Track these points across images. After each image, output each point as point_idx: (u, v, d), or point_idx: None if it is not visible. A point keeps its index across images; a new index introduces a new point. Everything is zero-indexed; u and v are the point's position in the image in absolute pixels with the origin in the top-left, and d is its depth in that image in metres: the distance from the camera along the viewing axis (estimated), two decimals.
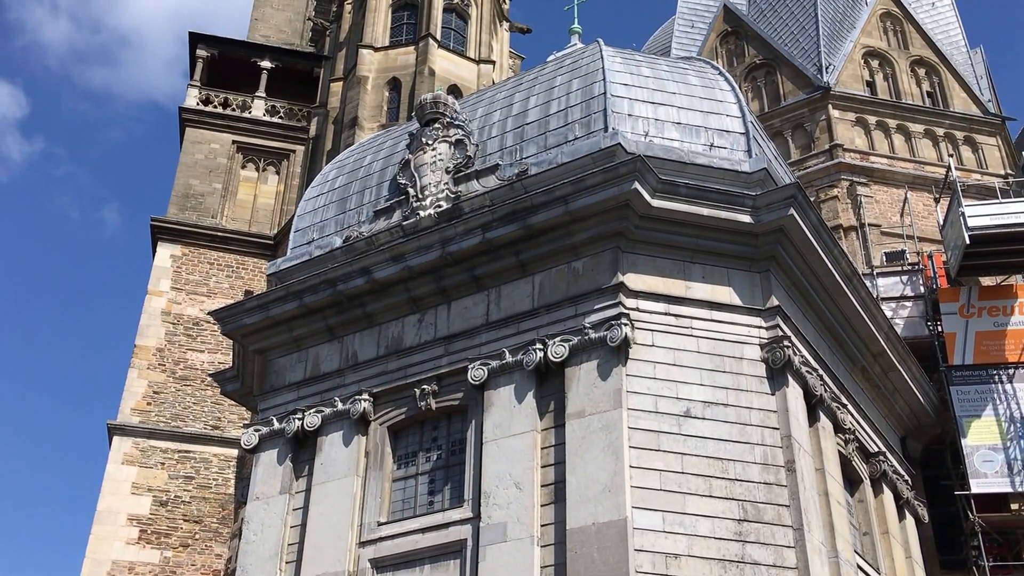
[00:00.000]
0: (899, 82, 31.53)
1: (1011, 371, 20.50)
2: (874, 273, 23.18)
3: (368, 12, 32.69)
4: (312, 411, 16.24)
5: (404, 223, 16.87)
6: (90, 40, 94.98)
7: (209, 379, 24.53)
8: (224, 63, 35.89)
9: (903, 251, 25.67)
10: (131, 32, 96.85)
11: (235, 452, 28.08)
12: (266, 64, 35.73)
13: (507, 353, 14.49)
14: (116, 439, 28.77)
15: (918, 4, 33.70)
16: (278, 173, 34.19)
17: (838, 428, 15.72)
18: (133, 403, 29.12)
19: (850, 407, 16.70)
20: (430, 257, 15.69)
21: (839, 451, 15.62)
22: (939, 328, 21.39)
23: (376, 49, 31.95)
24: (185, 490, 28.55)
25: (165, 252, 31.72)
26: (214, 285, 31.42)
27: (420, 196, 17.00)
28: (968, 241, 20.55)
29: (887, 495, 17.66)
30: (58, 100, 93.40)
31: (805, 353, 15.06)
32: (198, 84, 35.14)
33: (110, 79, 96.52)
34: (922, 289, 22.36)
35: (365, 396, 15.72)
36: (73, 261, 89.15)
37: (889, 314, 20.53)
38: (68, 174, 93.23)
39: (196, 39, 35.93)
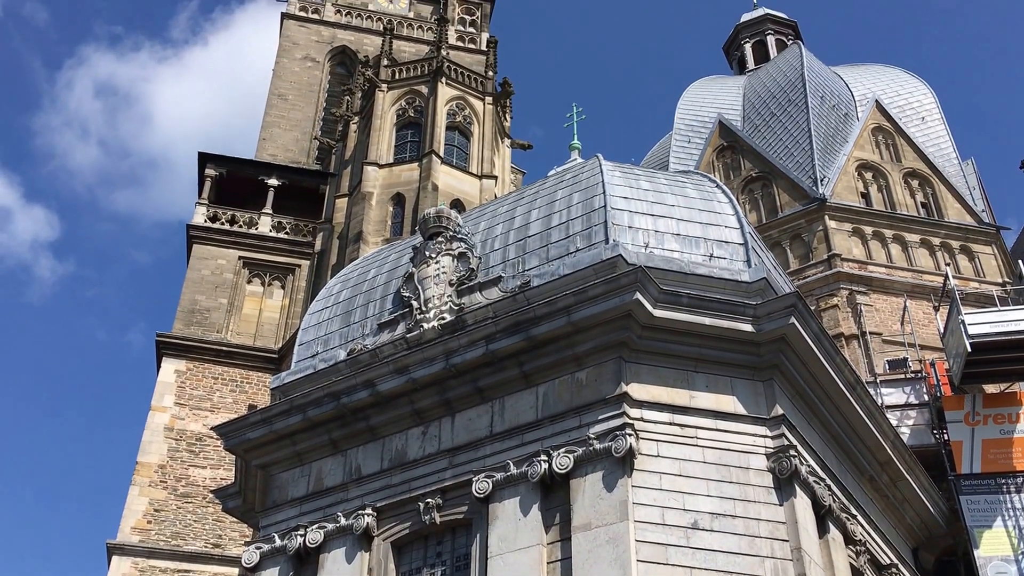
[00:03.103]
0: (893, 193, 32.16)
1: (1019, 480, 20.25)
2: (877, 381, 23.15)
3: (373, 131, 33.64)
4: (314, 527, 16.01)
5: (408, 335, 16.99)
6: (119, 164, 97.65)
7: (211, 496, 24.27)
8: (232, 181, 36.74)
9: (905, 359, 25.67)
10: (159, 155, 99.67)
11: (235, 572, 27.46)
12: (273, 182, 36.56)
13: (511, 465, 14.37)
14: (115, 559, 28.24)
15: (908, 119, 34.64)
16: (283, 288, 34.54)
17: (848, 540, 15.46)
18: (133, 521, 28.69)
19: (860, 518, 16.45)
20: (434, 369, 15.73)
21: (851, 564, 15.31)
22: (945, 436, 21.23)
23: (381, 166, 32.78)
24: None
25: (170, 367, 31.79)
26: (218, 400, 31.36)
27: (424, 308, 17.17)
28: (969, 349, 20.59)
29: None
30: (89, 222, 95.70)
31: (812, 463, 14.93)
32: (206, 202, 35.89)
33: (137, 201, 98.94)
34: (926, 397, 22.29)
35: (368, 511, 15.53)
36: (93, 381, 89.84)
37: (894, 422, 20.40)
38: (98, 296, 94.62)
39: (205, 159, 36.88)
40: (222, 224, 35.52)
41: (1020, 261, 26.71)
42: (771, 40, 44.41)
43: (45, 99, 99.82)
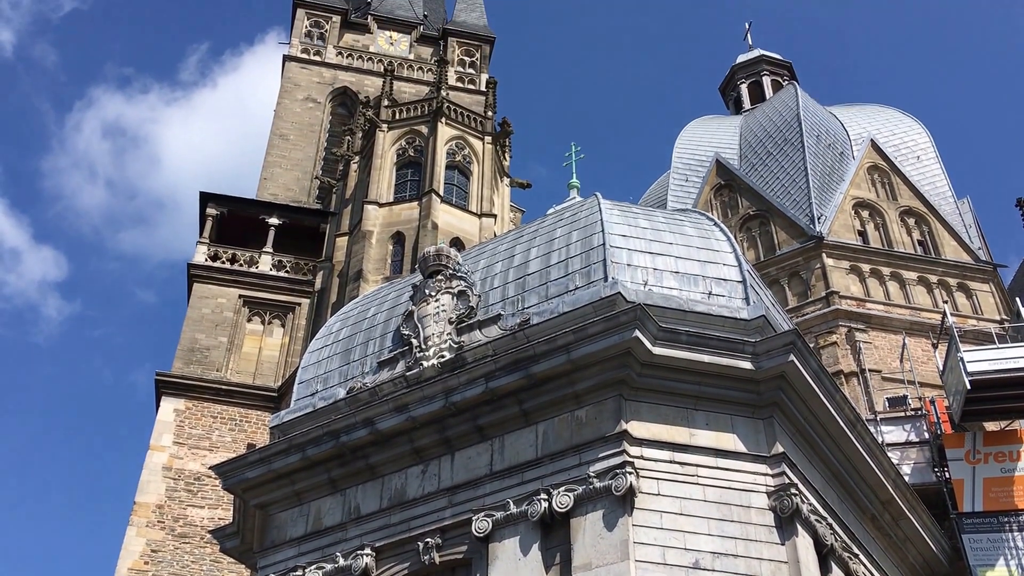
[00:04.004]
0: (890, 231, 32.33)
1: (1022, 519, 20.13)
2: (877, 419, 23.08)
3: (373, 170, 33.88)
4: (313, 567, 15.90)
5: (408, 373, 16.99)
6: (126, 205, 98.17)
7: (208, 536, 24.07)
8: (233, 220, 36.90)
9: (905, 396, 25.64)
10: (165, 196, 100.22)
11: None
12: (274, 221, 36.72)
13: (511, 504, 14.32)
14: None
15: (904, 158, 34.91)
16: (283, 326, 34.56)
17: None
18: (131, 562, 28.44)
19: (862, 557, 16.34)
20: (433, 407, 15.72)
21: None
22: (946, 475, 21.15)
23: (381, 204, 32.98)
24: None
25: (169, 406, 31.70)
26: (216, 439, 31.23)
27: (423, 346, 17.20)
28: (969, 386, 20.59)
29: None
30: (96, 262, 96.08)
31: (813, 501, 14.87)
32: (207, 241, 36.02)
33: (144, 241, 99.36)
34: (926, 435, 22.22)
35: (367, 551, 15.44)
36: (97, 421, 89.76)
37: (895, 460, 20.34)
38: (104, 336, 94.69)
39: (206, 198, 37.08)
40: (223, 263, 35.61)
41: (1018, 299, 26.81)
42: (767, 80, 44.85)
43: (54, 141, 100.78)
